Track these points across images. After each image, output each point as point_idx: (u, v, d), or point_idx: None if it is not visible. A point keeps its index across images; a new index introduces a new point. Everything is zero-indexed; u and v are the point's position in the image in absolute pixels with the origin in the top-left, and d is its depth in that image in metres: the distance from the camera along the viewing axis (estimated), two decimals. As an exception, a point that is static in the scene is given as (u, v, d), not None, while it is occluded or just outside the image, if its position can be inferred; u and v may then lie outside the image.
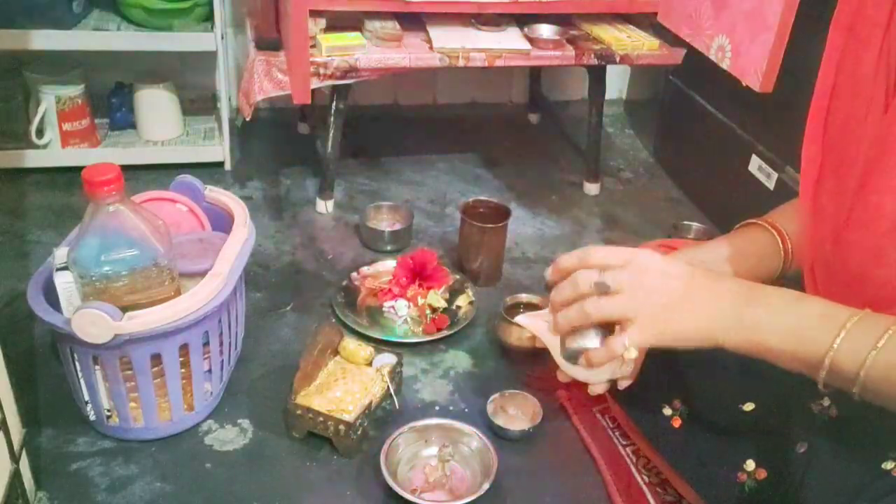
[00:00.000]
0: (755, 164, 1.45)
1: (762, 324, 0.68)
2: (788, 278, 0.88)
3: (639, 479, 0.98)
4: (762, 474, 0.78)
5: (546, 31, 1.53)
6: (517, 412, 1.08)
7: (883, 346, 0.62)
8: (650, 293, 0.71)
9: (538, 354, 1.19)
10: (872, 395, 0.64)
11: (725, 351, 0.71)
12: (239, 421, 1.05)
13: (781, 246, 0.87)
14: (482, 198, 1.41)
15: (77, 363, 0.94)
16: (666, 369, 0.92)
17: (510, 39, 1.49)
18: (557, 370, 0.84)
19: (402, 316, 1.26)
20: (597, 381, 0.82)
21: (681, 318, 0.71)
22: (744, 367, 0.83)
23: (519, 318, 0.88)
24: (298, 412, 0.99)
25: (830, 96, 0.76)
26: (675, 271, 0.72)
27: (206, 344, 0.99)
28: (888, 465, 0.66)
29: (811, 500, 0.68)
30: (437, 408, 1.10)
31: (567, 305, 0.75)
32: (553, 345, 0.82)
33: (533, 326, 0.85)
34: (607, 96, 1.69)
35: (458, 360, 1.20)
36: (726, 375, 0.83)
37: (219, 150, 1.67)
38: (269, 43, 1.48)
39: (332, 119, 1.49)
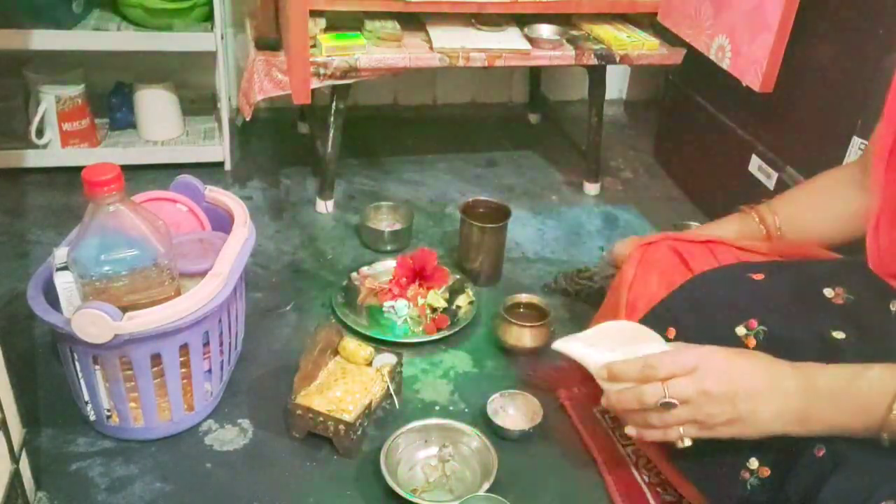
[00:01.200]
0: (755, 164, 1.45)
1: (826, 417, 0.72)
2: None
3: (639, 479, 0.98)
4: (765, 472, 0.78)
5: (546, 31, 1.53)
6: (517, 412, 1.08)
7: None
8: (715, 404, 0.75)
9: (538, 354, 1.19)
10: None
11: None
12: (239, 421, 1.05)
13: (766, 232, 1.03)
14: (482, 198, 1.41)
15: (77, 363, 0.94)
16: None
17: (510, 39, 1.49)
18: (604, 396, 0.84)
19: (402, 316, 1.26)
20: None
21: (742, 428, 0.75)
22: None
23: (556, 345, 0.87)
24: (298, 412, 0.99)
25: None
26: (738, 375, 0.75)
27: (206, 344, 0.99)
28: None
29: (830, 501, 0.68)
30: (437, 408, 1.10)
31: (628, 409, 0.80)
32: (593, 366, 0.84)
33: (571, 351, 0.86)
34: (607, 96, 1.69)
35: (458, 360, 1.20)
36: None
37: (219, 150, 1.67)
38: (269, 43, 1.48)
39: (332, 119, 1.49)
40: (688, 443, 0.78)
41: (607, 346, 0.84)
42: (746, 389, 0.74)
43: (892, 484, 0.65)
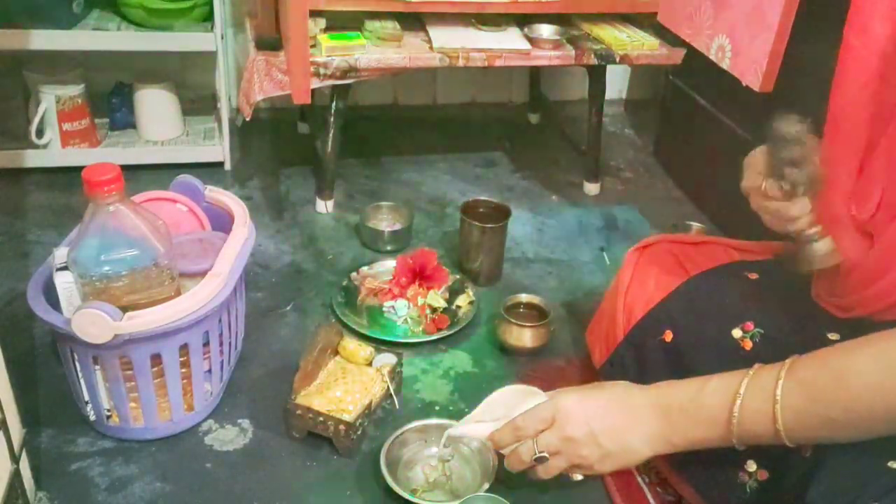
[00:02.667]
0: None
1: (684, 433, 0.76)
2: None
3: (639, 479, 0.98)
4: (763, 475, 0.78)
5: (546, 31, 1.53)
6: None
7: (781, 397, 0.68)
8: (582, 446, 0.80)
9: (538, 354, 1.19)
10: (808, 441, 0.70)
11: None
12: (239, 421, 1.05)
13: None
14: (482, 198, 1.41)
15: (77, 363, 0.94)
16: (668, 365, 0.92)
17: (510, 39, 1.49)
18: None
19: (402, 316, 1.26)
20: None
21: (618, 460, 0.80)
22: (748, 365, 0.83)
23: (452, 432, 0.92)
24: (298, 412, 0.99)
25: None
26: (592, 415, 0.80)
27: (206, 344, 0.99)
28: (894, 465, 0.66)
29: (817, 502, 0.68)
30: (437, 408, 1.10)
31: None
32: (483, 438, 0.90)
33: (466, 433, 0.92)
34: (607, 96, 1.69)
35: (458, 360, 1.20)
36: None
37: (219, 150, 1.67)
38: (269, 43, 1.48)
39: (332, 119, 1.49)
40: (579, 477, 0.85)
41: (494, 416, 0.89)
42: (604, 426, 0.79)
43: (878, 484, 0.65)
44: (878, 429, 0.65)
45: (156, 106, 1.66)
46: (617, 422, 0.79)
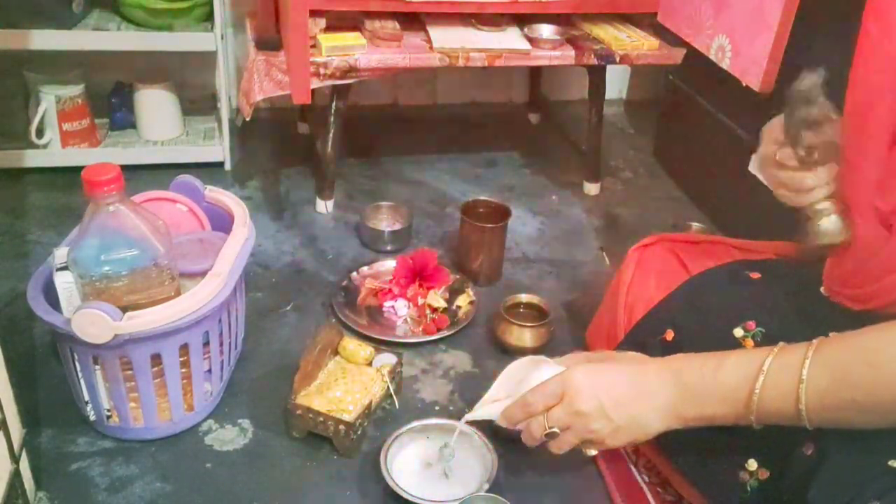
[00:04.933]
0: (755, 164, 1.45)
1: (697, 409, 0.75)
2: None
3: (639, 478, 0.98)
4: (764, 474, 0.78)
5: (546, 31, 1.53)
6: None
7: (807, 378, 0.67)
8: (592, 420, 0.79)
9: (538, 354, 1.19)
10: (827, 423, 0.69)
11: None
12: (239, 421, 1.05)
13: None
14: (482, 198, 1.41)
15: (77, 363, 0.94)
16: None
17: (510, 39, 1.49)
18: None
19: (402, 316, 1.26)
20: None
21: (629, 434, 0.79)
22: None
23: (467, 417, 0.92)
24: (298, 412, 0.99)
25: None
26: (602, 388, 0.78)
27: (206, 344, 0.99)
28: (895, 463, 0.66)
29: (818, 500, 0.68)
30: (437, 408, 1.10)
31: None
32: (498, 418, 0.89)
33: (481, 416, 0.91)
34: (607, 96, 1.69)
35: (458, 360, 1.20)
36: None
37: (219, 150, 1.67)
38: (269, 43, 1.48)
39: (331, 119, 1.49)
40: (593, 453, 0.83)
41: (508, 392, 0.89)
42: (614, 399, 0.77)
43: (879, 483, 0.65)
44: None
45: (156, 106, 1.66)
46: (627, 394, 0.77)
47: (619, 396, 0.77)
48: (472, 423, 0.94)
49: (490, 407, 0.90)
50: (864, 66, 0.74)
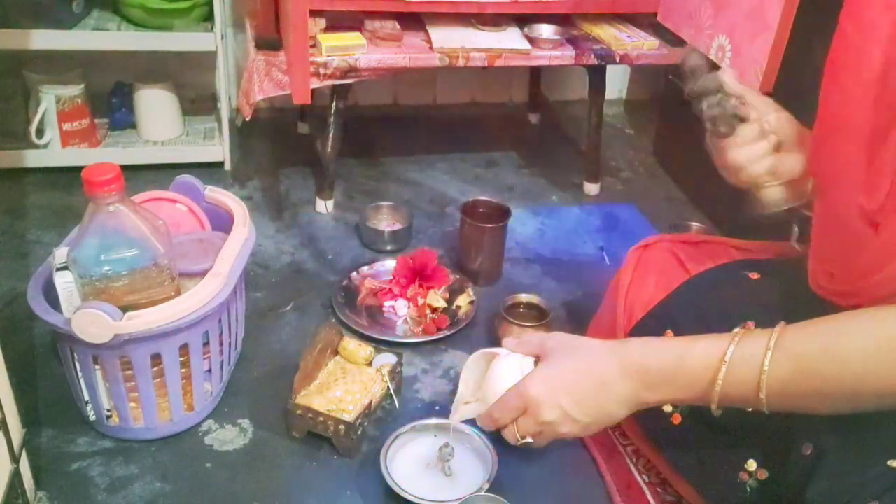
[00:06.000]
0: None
1: (660, 394, 0.75)
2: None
3: (639, 479, 0.98)
4: (763, 475, 0.78)
5: (546, 31, 1.53)
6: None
7: (769, 370, 0.67)
8: (560, 425, 0.79)
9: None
10: (787, 409, 0.69)
11: None
12: (239, 421, 1.05)
13: None
14: (482, 198, 1.41)
15: (77, 363, 0.94)
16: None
17: (510, 39, 1.49)
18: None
19: (402, 316, 1.27)
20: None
21: (598, 426, 0.79)
22: None
23: (453, 420, 0.93)
24: (298, 412, 0.99)
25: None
26: (562, 394, 0.78)
27: (206, 344, 0.99)
28: (894, 463, 0.66)
29: (817, 500, 0.68)
30: (437, 408, 1.10)
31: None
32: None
33: (464, 416, 0.91)
34: (607, 96, 1.69)
35: (458, 360, 1.20)
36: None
37: (219, 150, 1.67)
38: (269, 43, 1.48)
39: (331, 119, 1.49)
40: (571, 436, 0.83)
41: (472, 391, 0.89)
42: (576, 401, 0.77)
43: (878, 484, 0.65)
44: (865, 403, 0.65)
45: (156, 106, 1.66)
46: (588, 393, 0.78)
47: (579, 398, 0.78)
48: (466, 422, 0.94)
49: (465, 408, 0.90)
50: (840, 66, 0.74)
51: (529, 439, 0.81)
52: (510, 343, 0.86)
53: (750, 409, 0.71)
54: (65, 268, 0.90)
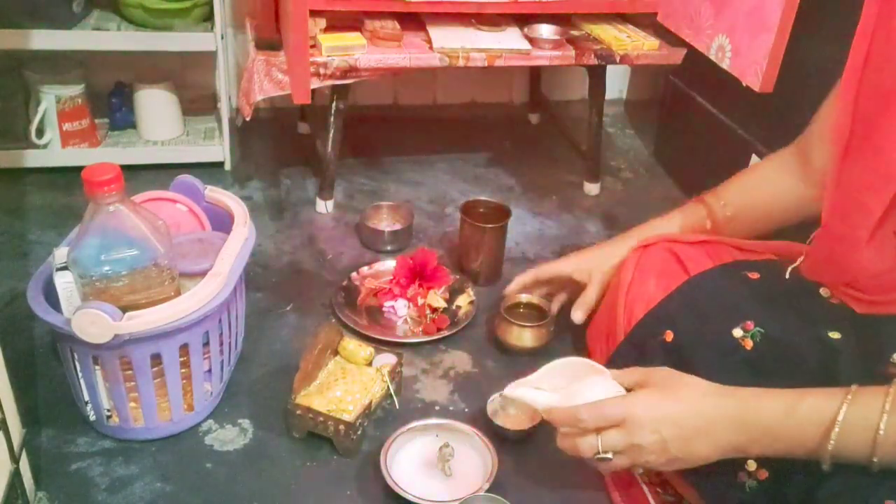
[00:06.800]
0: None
1: (762, 447, 0.73)
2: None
3: (639, 479, 0.98)
4: (763, 474, 0.78)
5: (546, 31, 1.53)
6: (517, 412, 1.07)
7: (885, 432, 0.65)
8: (648, 454, 0.77)
9: (538, 354, 1.19)
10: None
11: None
12: (239, 421, 1.05)
13: (712, 224, 1.08)
14: (482, 198, 1.41)
15: (77, 363, 0.94)
16: (668, 365, 0.92)
17: (510, 39, 1.49)
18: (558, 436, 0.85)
19: (402, 316, 1.27)
20: None
21: (681, 464, 0.77)
22: (753, 367, 0.83)
23: (507, 391, 0.89)
24: (298, 412, 0.99)
25: (863, 67, 0.78)
26: (667, 424, 0.76)
27: (206, 344, 0.99)
28: None
29: (829, 500, 0.68)
30: (437, 408, 1.10)
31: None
32: (540, 408, 0.86)
33: (520, 396, 0.88)
34: (607, 96, 1.69)
35: (458, 360, 1.20)
36: (733, 377, 0.83)
37: (219, 150, 1.67)
38: (269, 43, 1.48)
39: (332, 119, 1.49)
40: (640, 470, 0.83)
41: (553, 385, 0.86)
42: (676, 436, 0.76)
43: (892, 483, 0.65)
44: None
45: (156, 106, 1.66)
46: (690, 431, 0.76)
47: (680, 433, 0.76)
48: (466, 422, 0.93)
49: (533, 392, 0.86)
50: (875, 66, 0.74)
51: (609, 455, 0.78)
52: (614, 371, 0.84)
53: None
54: (65, 268, 0.90)
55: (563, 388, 0.85)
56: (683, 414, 0.76)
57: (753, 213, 1.06)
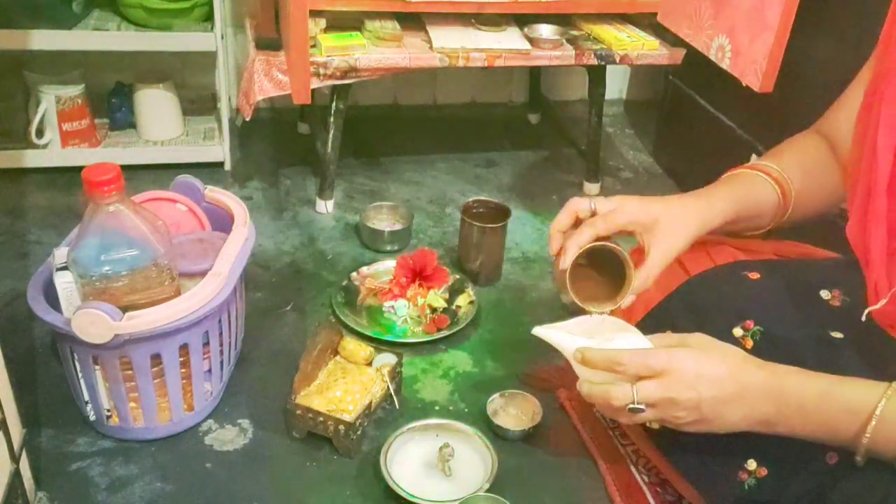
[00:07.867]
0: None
1: (792, 426, 0.72)
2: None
3: (639, 479, 0.98)
4: (763, 472, 0.78)
5: (546, 31, 1.53)
6: (517, 412, 1.08)
7: None
8: (681, 410, 0.75)
9: (538, 354, 1.19)
10: None
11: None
12: (239, 421, 1.05)
13: (781, 199, 0.92)
14: (482, 198, 1.41)
15: (77, 363, 0.94)
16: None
17: (510, 39, 1.49)
18: (578, 382, 0.83)
19: (402, 316, 1.26)
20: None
21: (708, 427, 0.76)
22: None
23: (536, 330, 0.86)
24: (298, 412, 0.99)
25: None
26: (706, 384, 0.74)
27: (206, 344, 0.99)
28: None
29: (842, 502, 0.68)
30: (437, 408, 1.10)
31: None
32: (569, 349, 0.82)
33: (549, 337, 0.85)
34: (607, 96, 1.69)
35: (458, 360, 1.20)
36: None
37: (219, 150, 1.67)
38: (269, 43, 1.48)
39: (332, 119, 1.49)
40: (656, 426, 0.80)
41: (587, 334, 0.84)
42: (713, 397, 0.74)
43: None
44: None
45: (156, 106, 1.66)
46: (727, 395, 0.74)
47: (717, 395, 0.74)
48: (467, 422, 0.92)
49: (565, 337, 0.83)
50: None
51: (642, 406, 0.75)
52: (654, 336, 0.82)
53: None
54: (65, 268, 0.90)
55: (598, 336, 0.82)
56: (724, 376, 0.74)
57: (809, 197, 0.94)
